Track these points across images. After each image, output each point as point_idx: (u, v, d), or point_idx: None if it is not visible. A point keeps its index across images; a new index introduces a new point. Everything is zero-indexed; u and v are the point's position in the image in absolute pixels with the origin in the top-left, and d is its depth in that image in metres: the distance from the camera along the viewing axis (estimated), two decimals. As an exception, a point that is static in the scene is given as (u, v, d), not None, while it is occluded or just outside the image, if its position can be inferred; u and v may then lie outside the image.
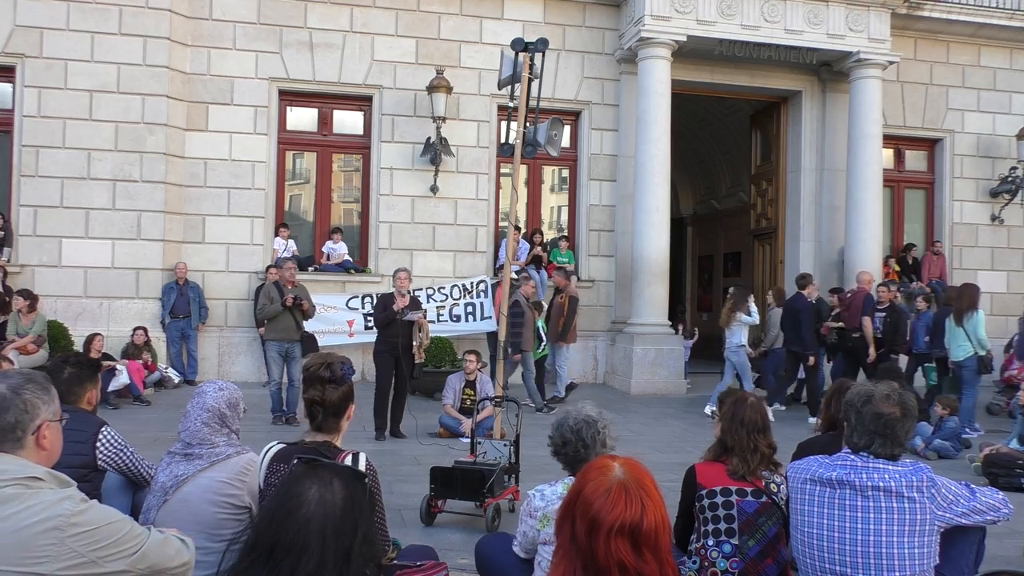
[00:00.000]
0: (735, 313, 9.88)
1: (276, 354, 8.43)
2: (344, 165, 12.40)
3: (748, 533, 2.94)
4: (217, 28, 11.39)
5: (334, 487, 1.63)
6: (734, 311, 9.89)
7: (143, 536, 1.97)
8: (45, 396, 2.04)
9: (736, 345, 9.87)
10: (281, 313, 8.31)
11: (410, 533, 4.60)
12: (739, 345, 9.87)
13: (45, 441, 2.03)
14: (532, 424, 7.15)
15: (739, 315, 9.86)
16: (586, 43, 12.55)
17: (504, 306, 7.02)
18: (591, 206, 12.62)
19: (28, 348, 9.04)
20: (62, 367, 3.38)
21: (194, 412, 2.97)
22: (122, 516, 1.97)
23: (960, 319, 8.93)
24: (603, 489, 1.70)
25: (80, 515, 1.84)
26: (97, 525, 1.86)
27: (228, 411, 3.02)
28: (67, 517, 1.82)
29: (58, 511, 1.82)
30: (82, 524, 1.84)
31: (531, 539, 2.90)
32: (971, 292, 9.18)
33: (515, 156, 6.69)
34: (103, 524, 1.88)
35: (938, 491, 2.61)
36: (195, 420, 2.95)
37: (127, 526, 1.94)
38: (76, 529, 1.82)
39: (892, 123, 13.35)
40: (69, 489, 1.93)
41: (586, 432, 2.96)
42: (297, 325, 8.43)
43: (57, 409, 2.09)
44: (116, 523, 1.92)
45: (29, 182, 10.57)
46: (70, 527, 1.81)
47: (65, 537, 1.80)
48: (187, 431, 2.95)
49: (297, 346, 8.45)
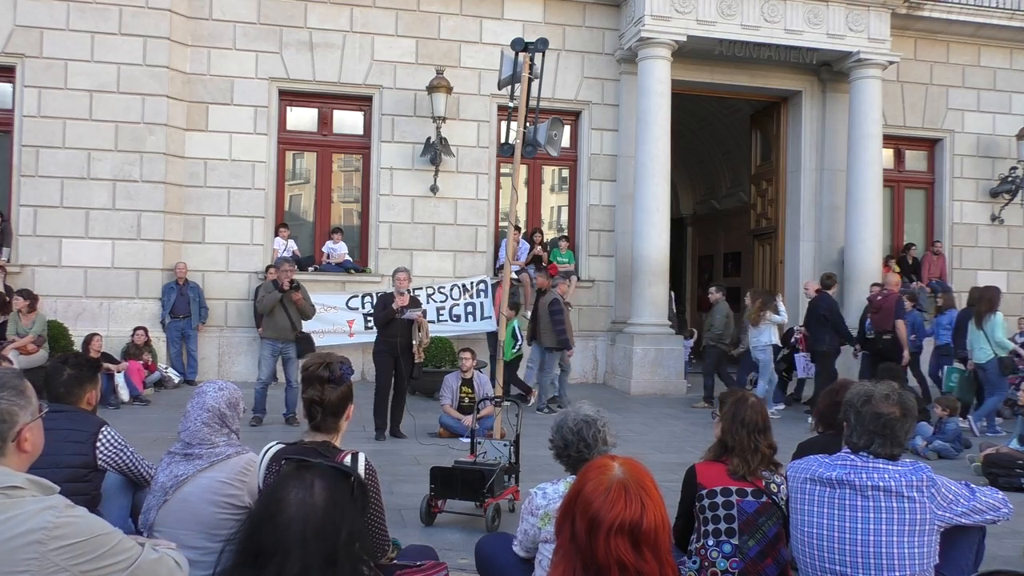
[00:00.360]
0: (764, 312, 9.92)
1: (269, 354, 8.35)
2: (344, 165, 12.40)
3: (748, 533, 2.94)
4: (217, 28, 11.39)
5: (314, 489, 1.63)
6: (763, 310, 9.94)
7: (134, 552, 1.85)
8: (21, 400, 1.93)
9: (764, 344, 9.91)
10: (277, 309, 8.21)
11: (410, 533, 4.59)
12: (767, 344, 9.91)
13: (27, 444, 1.93)
14: (532, 424, 7.15)
15: (768, 314, 9.90)
16: (586, 43, 12.55)
17: (504, 306, 7.03)
18: (591, 206, 12.62)
19: (28, 348, 9.03)
20: (62, 368, 3.37)
21: (194, 412, 2.97)
22: (111, 529, 1.85)
23: (980, 322, 8.95)
24: (603, 488, 1.70)
25: (64, 527, 1.73)
26: (83, 537, 1.75)
27: (228, 411, 3.02)
28: (49, 530, 1.70)
29: (39, 523, 1.70)
30: (66, 536, 1.72)
31: (532, 537, 2.90)
32: (990, 295, 9.19)
33: (515, 156, 6.70)
34: (89, 537, 1.76)
35: (938, 491, 2.61)
36: (195, 420, 2.95)
37: (115, 539, 1.82)
38: (59, 542, 1.71)
39: (892, 123, 13.35)
40: (52, 497, 1.80)
41: (587, 432, 2.96)
42: (293, 325, 8.33)
43: (35, 408, 1.97)
44: (104, 536, 1.79)
45: (29, 182, 10.57)
46: (52, 540, 1.70)
47: (48, 551, 1.69)
48: (187, 431, 2.95)
49: (292, 347, 8.37)
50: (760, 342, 9.99)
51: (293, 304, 8.28)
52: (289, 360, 8.39)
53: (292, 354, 8.39)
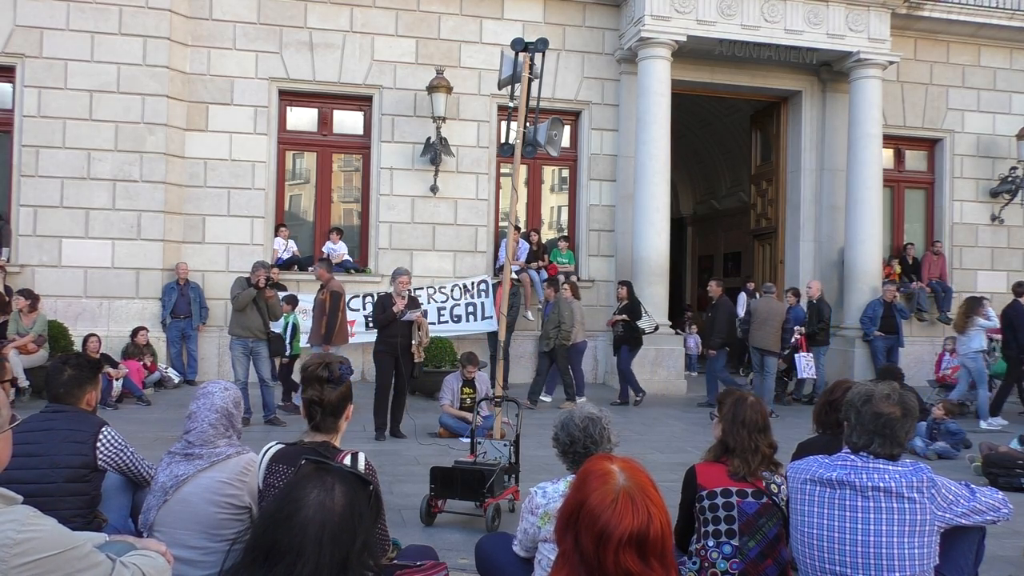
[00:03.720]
0: (971, 317, 9.60)
1: (241, 352, 8.33)
2: (344, 165, 12.40)
3: (748, 534, 2.94)
4: (217, 28, 11.39)
5: (335, 493, 1.61)
6: (970, 315, 9.62)
7: (105, 567, 1.76)
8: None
9: (975, 351, 9.61)
10: (250, 307, 8.21)
11: (410, 533, 4.60)
12: (978, 351, 9.62)
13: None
14: (532, 424, 7.15)
15: (976, 319, 9.59)
16: (586, 43, 12.55)
17: (504, 306, 7.02)
18: (591, 206, 12.62)
19: (28, 348, 9.03)
20: (62, 368, 3.37)
21: (202, 413, 2.97)
22: (81, 542, 1.74)
23: None
24: (609, 500, 1.66)
25: (26, 542, 1.61)
26: (48, 552, 1.64)
27: (235, 411, 3.05)
28: (9, 547, 1.59)
29: (0, 538, 1.59)
30: (29, 552, 1.61)
31: (532, 536, 2.90)
32: None
33: (515, 156, 6.69)
34: (55, 552, 1.65)
35: (938, 491, 2.61)
36: (203, 421, 2.95)
37: (83, 552, 1.71)
38: (22, 558, 1.60)
39: (892, 123, 13.35)
40: (15, 509, 1.68)
41: (593, 429, 2.97)
42: (264, 324, 8.36)
43: (5, 419, 1.83)
44: (71, 551, 1.68)
45: (29, 182, 10.57)
46: (14, 556, 1.59)
47: (8, 568, 1.58)
48: (195, 432, 2.95)
49: (263, 345, 8.37)
50: (970, 349, 9.63)
51: (265, 303, 8.30)
52: (259, 358, 8.36)
53: (263, 352, 8.39)
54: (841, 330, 12.48)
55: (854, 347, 12.12)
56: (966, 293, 13.57)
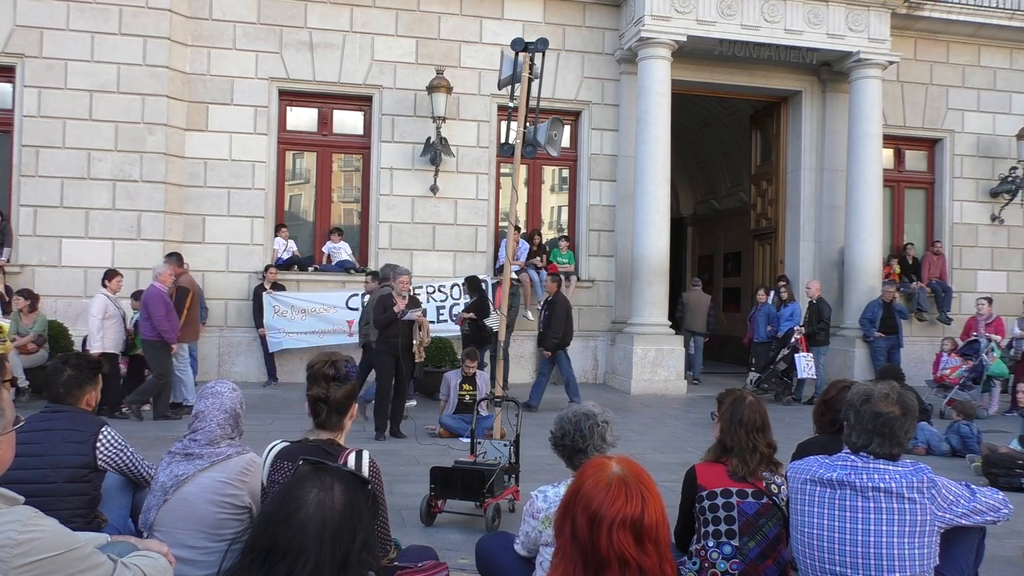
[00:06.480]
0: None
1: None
2: (344, 165, 12.40)
3: (748, 534, 2.93)
4: (217, 28, 11.39)
5: (335, 492, 1.61)
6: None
7: (106, 567, 1.76)
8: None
9: None
10: None
11: (410, 533, 4.59)
12: None
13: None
14: (532, 424, 7.15)
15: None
16: (586, 43, 12.55)
17: (504, 306, 7.02)
18: (591, 206, 12.62)
19: (28, 348, 9.04)
20: (62, 368, 3.37)
21: (211, 413, 2.97)
22: (83, 542, 1.75)
23: None
24: (603, 484, 1.70)
25: (28, 543, 1.61)
26: (49, 553, 1.63)
27: (241, 411, 3.06)
28: (11, 548, 1.59)
29: (0, 538, 1.59)
30: (31, 552, 1.61)
31: (533, 539, 2.90)
32: None
33: (515, 156, 6.70)
34: (57, 553, 1.65)
35: (938, 492, 2.61)
36: (211, 421, 2.96)
37: (85, 553, 1.71)
38: (23, 559, 1.59)
39: (892, 123, 13.35)
40: (16, 510, 1.68)
41: (584, 423, 2.98)
42: None
43: (8, 420, 1.82)
44: (72, 552, 1.68)
45: (29, 182, 10.57)
46: (15, 557, 1.59)
47: (10, 569, 1.58)
48: (203, 431, 2.95)
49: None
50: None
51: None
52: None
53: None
54: (841, 330, 12.48)
55: (854, 347, 12.11)
56: (966, 293, 13.60)
